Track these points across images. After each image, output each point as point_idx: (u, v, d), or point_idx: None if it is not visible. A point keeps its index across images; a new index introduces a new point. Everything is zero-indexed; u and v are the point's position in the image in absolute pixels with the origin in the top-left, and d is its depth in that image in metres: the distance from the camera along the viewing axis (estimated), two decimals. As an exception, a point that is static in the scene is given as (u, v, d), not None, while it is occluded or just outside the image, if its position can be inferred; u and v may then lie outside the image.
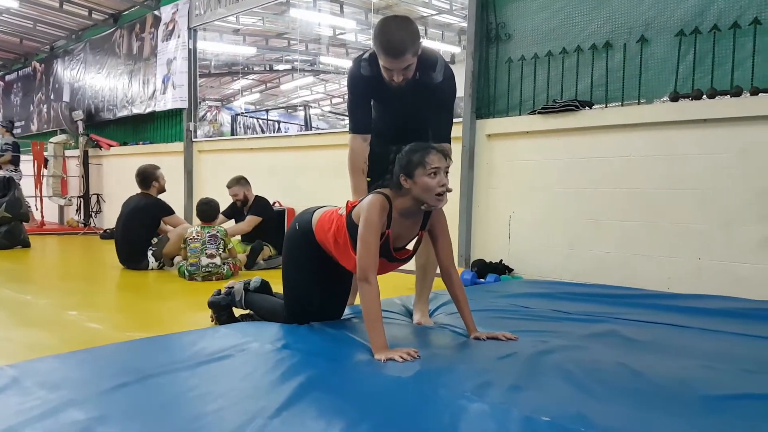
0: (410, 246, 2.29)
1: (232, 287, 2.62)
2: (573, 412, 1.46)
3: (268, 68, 14.00)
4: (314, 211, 2.34)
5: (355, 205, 2.17)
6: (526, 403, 1.49)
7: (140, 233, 4.58)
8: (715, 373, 1.85)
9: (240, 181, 5.05)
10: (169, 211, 4.77)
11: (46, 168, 8.62)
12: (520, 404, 1.48)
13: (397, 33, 2.21)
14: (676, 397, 1.62)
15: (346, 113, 2.64)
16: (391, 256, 2.16)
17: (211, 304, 2.62)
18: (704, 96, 3.40)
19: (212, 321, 2.65)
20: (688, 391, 1.67)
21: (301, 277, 2.36)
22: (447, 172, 2.05)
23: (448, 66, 2.43)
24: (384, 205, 2.06)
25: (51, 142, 8.82)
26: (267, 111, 14.27)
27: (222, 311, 2.60)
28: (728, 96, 3.32)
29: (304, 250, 2.33)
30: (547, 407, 1.46)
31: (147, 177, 4.74)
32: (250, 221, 4.92)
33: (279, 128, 12.83)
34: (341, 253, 2.20)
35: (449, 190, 2.07)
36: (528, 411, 1.43)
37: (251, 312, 2.61)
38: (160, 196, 4.81)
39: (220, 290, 2.66)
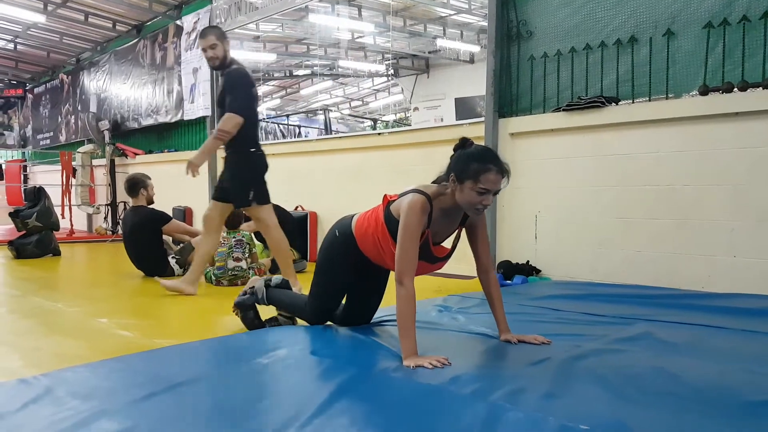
0: (448, 242, 2.25)
1: (254, 287, 2.64)
2: (611, 419, 1.41)
3: (287, 74, 14.10)
4: (353, 216, 2.32)
5: (394, 200, 2.14)
6: (563, 411, 1.45)
7: (148, 247, 4.55)
8: (757, 377, 1.79)
9: None
10: (165, 219, 4.68)
11: (74, 177, 8.79)
12: (557, 412, 1.44)
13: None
14: (716, 402, 1.57)
15: (366, 116, 3.22)
16: (431, 257, 2.13)
17: (237, 304, 2.66)
18: (735, 89, 3.30)
19: (234, 312, 2.66)
20: (729, 395, 1.62)
21: (334, 286, 2.36)
22: (497, 192, 1.99)
23: (233, 71, 3.53)
24: (425, 207, 2.02)
25: (79, 152, 9.00)
26: (287, 116, 14.37)
27: (248, 311, 2.62)
28: (760, 88, 3.22)
29: (344, 257, 2.30)
30: (584, 415, 1.42)
31: (135, 184, 4.67)
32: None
33: (299, 133, 12.90)
34: (382, 250, 2.16)
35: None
36: (565, 419, 1.39)
37: (277, 316, 2.61)
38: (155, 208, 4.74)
39: (246, 291, 2.69)
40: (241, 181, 3.58)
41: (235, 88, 3.47)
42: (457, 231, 2.22)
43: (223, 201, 3.69)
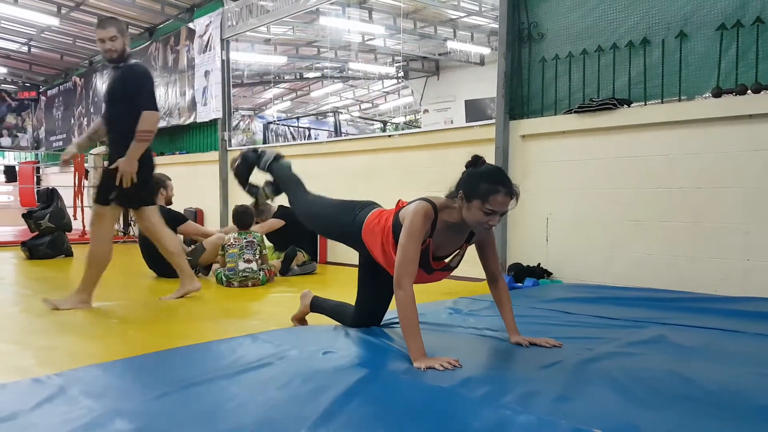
0: (451, 258, 2.24)
1: (265, 151, 2.74)
2: (624, 422, 1.41)
3: (298, 76, 14.16)
4: (373, 209, 2.31)
5: (404, 206, 2.14)
6: (575, 414, 1.45)
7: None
8: (771, 381, 1.77)
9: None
10: (181, 219, 4.69)
11: (86, 179, 8.86)
12: (569, 415, 1.44)
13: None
14: (729, 406, 1.56)
15: (376, 118, 3.09)
16: (429, 267, 2.13)
17: (242, 155, 2.76)
18: (749, 91, 3.27)
19: (236, 160, 2.80)
20: (743, 399, 1.62)
21: (325, 213, 2.47)
22: (504, 213, 1.98)
23: (137, 67, 3.47)
24: (429, 214, 2.02)
25: (91, 154, 9.08)
26: (298, 118, 14.43)
27: (245, 165, 2.74)
28: (775, 90, 3.19)
29: (347, 223, 2.31)
30: (597, 418, 1.42)
31: (155, 184, 4.69)
32: (266, 224, 4.93)
33: (309, 135, 12.94)
34: (385, 254, 2.16)
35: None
36: (577, 422, 1.38)
37: (261, 188, 2.72)
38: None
39: (256, 150, 2.79)
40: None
41: (144, 84, 3.35)
42: (459, 249, 2.22)
43: (126, 207, 3.56)
